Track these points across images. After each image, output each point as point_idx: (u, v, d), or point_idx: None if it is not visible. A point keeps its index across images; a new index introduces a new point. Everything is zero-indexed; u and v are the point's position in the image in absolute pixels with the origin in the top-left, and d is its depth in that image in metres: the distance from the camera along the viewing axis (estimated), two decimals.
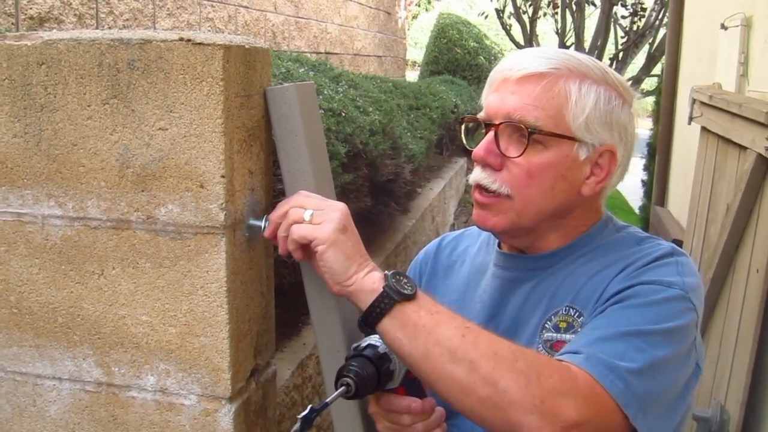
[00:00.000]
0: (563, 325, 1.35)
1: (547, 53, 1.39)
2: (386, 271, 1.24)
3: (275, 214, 1.33)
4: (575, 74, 1.36)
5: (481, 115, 1.41)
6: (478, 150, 1.36)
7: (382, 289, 1.21)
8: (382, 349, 1.27)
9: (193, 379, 1.37)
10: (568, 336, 1.32)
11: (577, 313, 1.34)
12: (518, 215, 1.36)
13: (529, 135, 1.32)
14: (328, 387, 1.41)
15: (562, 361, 1.19)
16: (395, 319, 1.20)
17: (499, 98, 1.37)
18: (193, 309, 1.35)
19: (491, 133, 1.36)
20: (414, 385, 1.34)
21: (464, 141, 1.46)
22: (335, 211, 1.27)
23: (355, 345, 1.31)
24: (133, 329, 1.38)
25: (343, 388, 1.22)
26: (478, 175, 1.38)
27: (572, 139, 1.34)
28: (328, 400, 1.23)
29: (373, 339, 1.29)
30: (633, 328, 1.21)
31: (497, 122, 1.35)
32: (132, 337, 1.38)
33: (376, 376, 1.25)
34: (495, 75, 1.41)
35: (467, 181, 1.45)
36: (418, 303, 1.21)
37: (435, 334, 1.17)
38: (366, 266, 1.25)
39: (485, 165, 1.36)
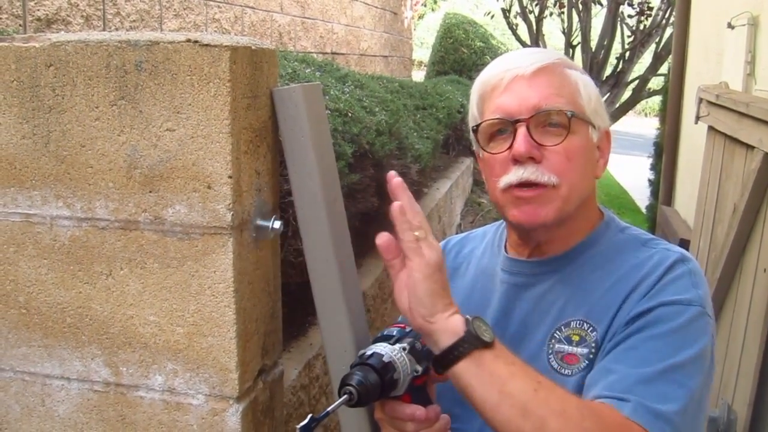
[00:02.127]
0: (576, 338, 1.35)
1: (538, 50, 1.45)
2: (467, 316, 1.22)
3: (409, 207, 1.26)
4: (569, 65, 1.42)
5: (496, 117, 1.38)
6: (518, 147, 1.33)
7: (463, 334, 1.19)
8: (386, 357, 1.27)
9: (201, 378, 1.37)
10: (579, 349, 1.33)
11: (591, 328, 1.34)
12: (564, 202, 1.35)
13: (570, 118, 1.34)
14: (335, 387, 1.41)
15: (611, 409, 1.20)
16: (472, 365, 1.19)
17: (517, 95, 1.36)
18: (200, 309, 1.35)
19: (524, 128, 1.34)
20: (419, 392, 1.34)
21: (484, 148, 1.40)
22: (436, 248, 1.24)
23: (360, 352, 1.31)
24: (141, 329, 1.39)
25: (345, 396, 1.23)
26: (520, 173, 1.34)
27: (589, 122, 1.39)
28: (329, 409, 1.23)
29: (379, 347, 1.29)
30: (668, 363, 1.23)
31: (527, 116, 1.34)
32: (140, 337, 1.39)
33: (380, 385, 1.25)
34: (498, 77, 1.39)
35: (501, 182, 1.39)
36: (495, 352, 1.19)
37: (509, 385, 1.17)
38: (451, 308, 1.23)
39: (526, 161, 1.34)
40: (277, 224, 1.44)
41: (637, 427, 1.18)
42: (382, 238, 1.25)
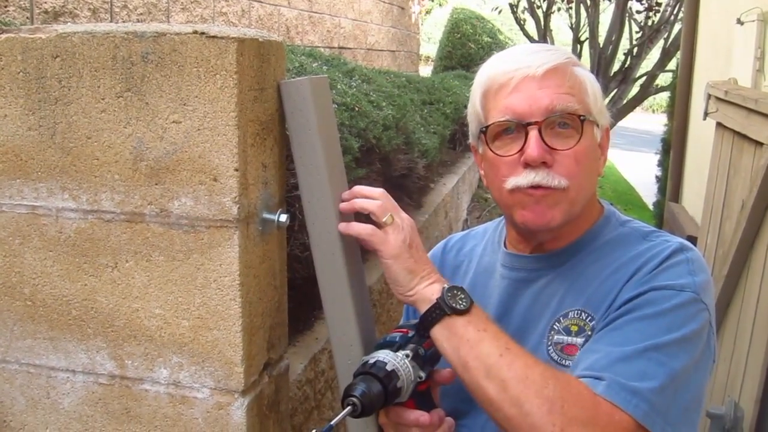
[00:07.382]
0: (574, 328, 1.34)
1: (547, 48, 1.43)
2: (445, 285, 1.31)
3: (362, 192, 1.40)
4: (576, 63, 1.41)
5: (505, 118, 1.36)
6: (531, 152, 1.31)
7: (435, 301, 1.29)
8: (390, 366, 1.27)
9: (206, 372, 1.37)
10: (579, 339, 1.32)
11: (589, 317, 1.33)
12: (572, 204, 1.35)
13: (582, 122, 1.34)
14: (341, 381, 1.41)
15: (583, 382, 1.20)
16: (444, 330, 1.28)
17: (528, 96, 1.34)
18: (206, 302, 1.35)
19: (536, 132, 1.32)
20: (423, 397, 1.34)
21: (491, 150, 1.38)
22: (404, 229, 1.36)
23: (363, 360, 1.31)
24: (146, 322, 1.38)
25: (349, 408, 1.23)
26: (531, 177, 1.32)
27: (595, 122, 1.38)
28: (333, 422, 1.23)
29: (382, 354, 1.29)
30: (650, 343, 1.21)
31: (539, 119, 1.32)
32: (145, 330, 1.39)
33: (383, 394, 1.25)
34: (506, 76, 1.37)
35: (508, 183, 1.41)
36: (468, 318, 1.27)
37: (476, 349, 1.24)
38: (429, 278, 1.34)
39: (538, 165, 1.32)
40: (284, 218, 1.43)
41: (606, 403, 1.17)
42: (345, 228, 1.38)
